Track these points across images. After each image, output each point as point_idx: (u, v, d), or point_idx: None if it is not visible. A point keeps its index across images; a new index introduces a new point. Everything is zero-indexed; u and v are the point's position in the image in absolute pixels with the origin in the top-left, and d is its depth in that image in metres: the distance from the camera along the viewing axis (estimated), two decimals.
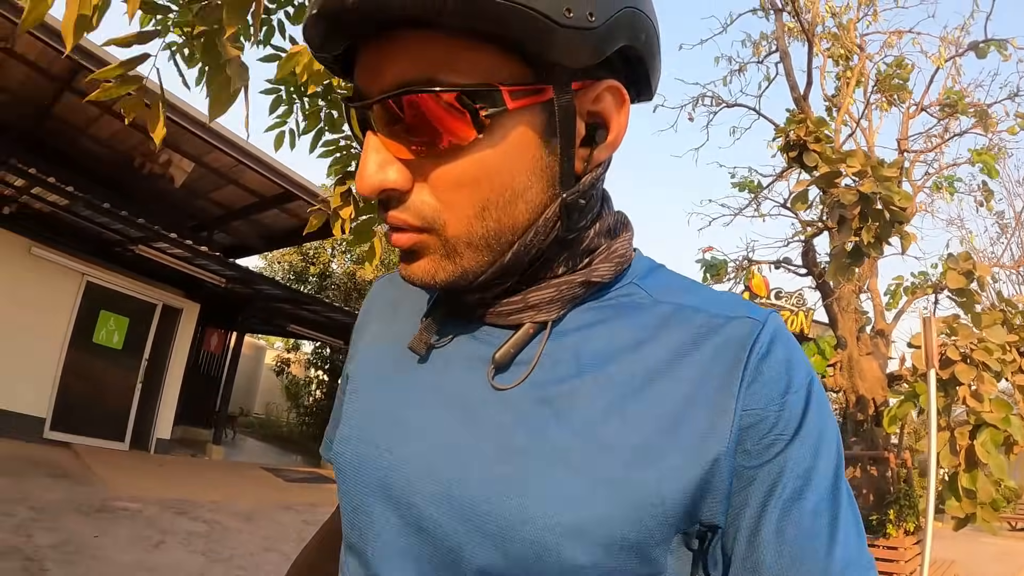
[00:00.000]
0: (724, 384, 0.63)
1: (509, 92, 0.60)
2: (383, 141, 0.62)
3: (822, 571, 0.58)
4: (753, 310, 0.67)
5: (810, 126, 10.32)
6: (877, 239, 6.70)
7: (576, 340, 0.68)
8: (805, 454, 0.61)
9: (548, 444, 0.63)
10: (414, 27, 0.58)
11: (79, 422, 10.99)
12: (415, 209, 0.63)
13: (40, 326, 10.36)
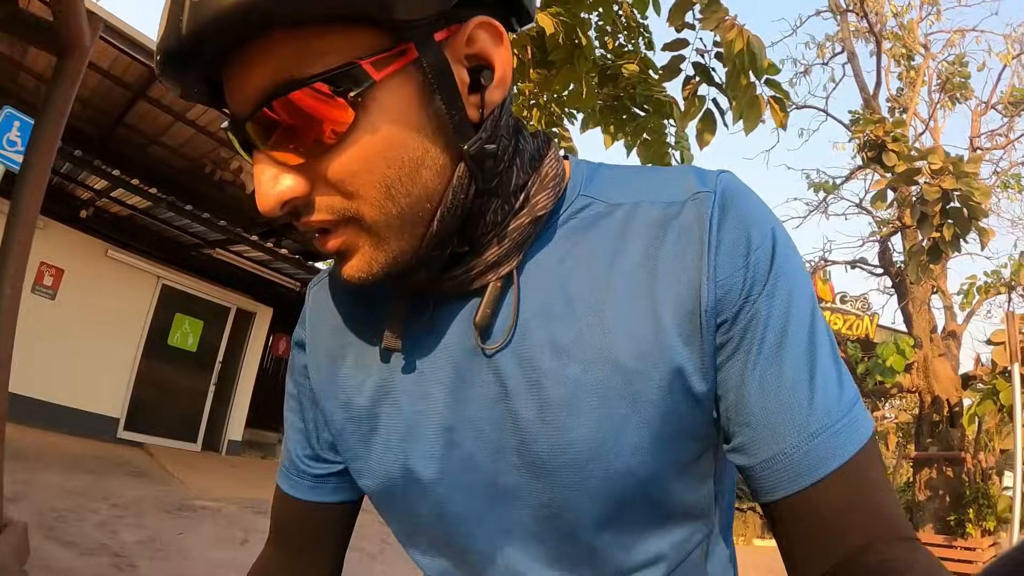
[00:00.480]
0: (696, 264, 0.64)
1: (372, 64, 0.57)
2: (268, 155, 0.59)
3: (804, 418, 0.61)
4: (701, 180, 0.68)
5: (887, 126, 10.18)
6: (955, 236, 6.62)
7: (558, 275, 0.68)
8: (778, 309, 0.63)
9: (568, 386, 0.65)
10: (255, 36, 0.55)
11: (152, 422, 11.16)
12: (324, 206, 0.61)
13: (116, 328, 10.56)
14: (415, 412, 0.72)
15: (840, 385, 0.63)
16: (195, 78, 0.60)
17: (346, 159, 0.59)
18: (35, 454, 7.63)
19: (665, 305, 0.64)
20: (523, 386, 0.66)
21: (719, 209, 0.65)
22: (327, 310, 0.83)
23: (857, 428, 0.62)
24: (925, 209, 6.92)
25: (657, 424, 0.64)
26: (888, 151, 9.73)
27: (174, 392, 11.64)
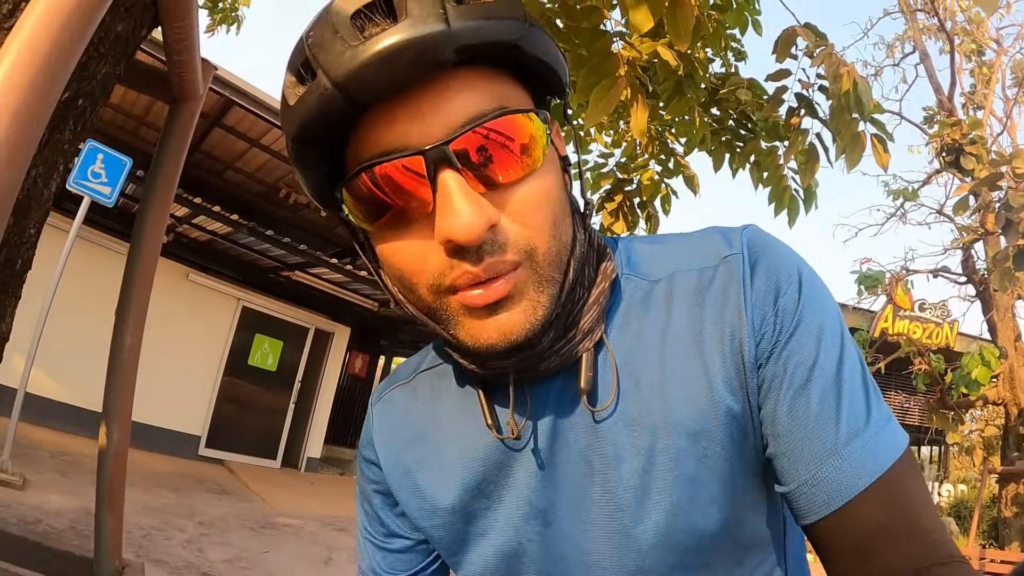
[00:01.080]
0: (735, 321, 0.68)
1: (541, 119, 0.65)
2: (466, 180, 0.61)
3: (832, 443, 0.63)
4: (728, 242, 0.73)
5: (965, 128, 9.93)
6: None
7: (619, 352, 0.72)
8: (806, 345, 0.67)
9: (644, 456, 0.69)
10: (452, 68, 0.61)
11: (233, 440, 11.43)
12: (512, 243, 0.63)
13: (198, 348, 10.88)
14: (511, 500, 0.76)
15: (868, 408, 0.65)
16: (362, 98, 0.60)
17: (533, 192, 0.64)
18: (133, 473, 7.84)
19: (713, 365, 0.69)
20: (607, 459, 0.71)
21: (748, 267, 0.70)
22: (399, 422, 0.87)
23: (885, 446, 0.64)
24: (1010, 215, 6.76)
25: (728, 474, 0.69)
26: (967, 155, 9.50)
27: (254, 410, 11.89)
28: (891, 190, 14.27)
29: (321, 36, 0.60)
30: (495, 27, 0.61)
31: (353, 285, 11.78)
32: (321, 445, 13.16)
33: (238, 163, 11.23)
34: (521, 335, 0.64)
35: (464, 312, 0.65)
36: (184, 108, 1.62)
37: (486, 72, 0.63)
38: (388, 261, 0.67)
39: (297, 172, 0.70)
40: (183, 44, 1.36)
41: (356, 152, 0.64)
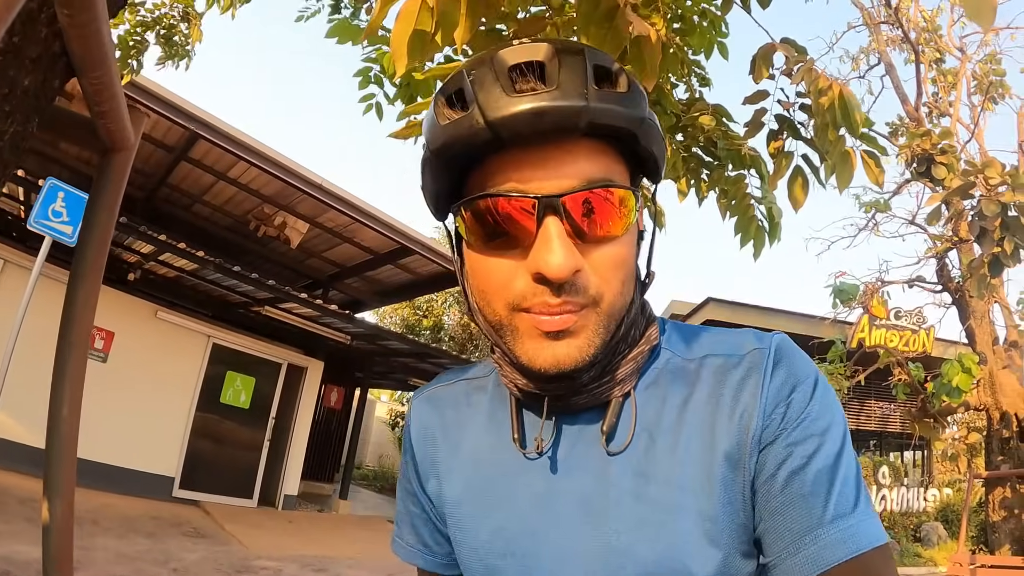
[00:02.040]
0: (750, 404, 0.77)
1: (635, 196, 0.78)
2: (567, 229, 0.73)
3: (817, 520, 0.71)
4: (759, 340, 0.83)
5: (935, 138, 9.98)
6: (1016, 248, 6.51)
7: (644, 411, 0.82)
8: (811, 438, 0.74)
9: (647, 504, 0.78)
10: (578, 137, 0.73)
11: (207, 480, 11.22)
12: (584, 288, 0.74)
13: (168, 387, 10.69)
14: (509, 511, 0.86)
15: (856, 499, 0.72)
16: (487, 147, 0.73)
17: (613, 253, 0.76)
18: (92, 517, 7.66)
19: (720, 438, 0.78)
20: (608, 500, 0.80)
21: (772, 362, 0.79)
22: (431, 418, 0.99)
23: (867, 534, 0.70)
24: (984, 224, 6.78)
25: (717, 537, 0.76)
26: (937, 164, 9.55)
27: (228, 449, 11.71)
28: (862, 202, 14.36)
29: (483, 77, 0.73)
30: (622, 115, 0.73)
31: (324, 319, 11.71)
32: (298, 482, 12.96)
33: (206, 196, 11.12)
34: (571, 366, 0.75)
35: (530, 333, 0.76)
36: (115, 159, 1.47)
37: (602, 146, 0.76)
38: (479, 274, 0.79)
39: (422, 177, 0.82)
40: (103, 95, 1.22)
41: (483, 179, 0.76)
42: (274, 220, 11.49)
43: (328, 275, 13.96)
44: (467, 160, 0.77)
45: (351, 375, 16.22)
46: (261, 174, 10.00)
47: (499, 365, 0.89)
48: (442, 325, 23.49)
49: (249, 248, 12.00)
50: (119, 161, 1.42)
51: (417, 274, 13.83)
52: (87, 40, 1.01)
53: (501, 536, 0.86)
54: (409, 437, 1.02)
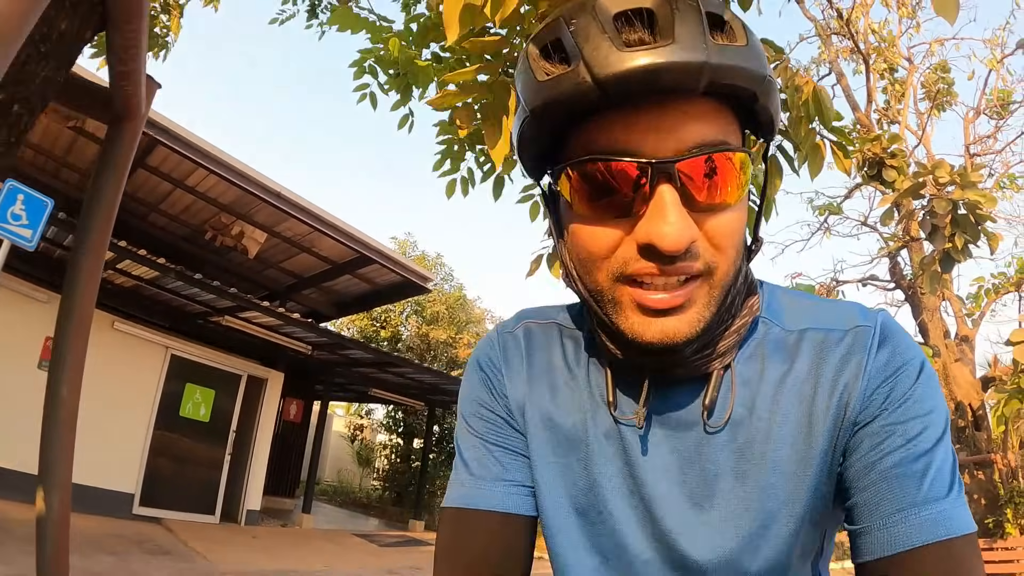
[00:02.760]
0: (852, 383, 0.75)
1: (750, 159, 0.73)
2: (681, 197, 0.68)
3: (911, 498, 0.69)
4: (864, 315, 0.80)
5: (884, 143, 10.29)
6: (966, 244, 6.78)
7: (741, 384, 0.80)
8: (912, 421, 0.72)
9: (739, 481, 0.78)
10: (695, 95, 0.67)
11: (168, 496, 10.98)
12: (701, 256, 0.70)
13: (126, 401, 10.43)
14: (605, 468, 0.84)
15: (951, 486, 0.71)
16: (605, 103, 0.66)
17: (728, 221, 0.71)
18: None
19: (818, 416, 0.76)
20: (706, 474, 0.79)
21: (878, 341, 0.77)
22: (523, 355, 0.93)
23: (958, 520, 0.69)
24: (935, 221, 7.01)
25: (801, 516, 0.77)
26: (888, 167, 9.84)
27: (189, 464, 11.48)
28: (815, 206, 14.69)
29: (586, 26, 0.66)
30: (744, 73, 0.67)
31: (286, 328, 11.58)
32: (260, 497, 12.74)
33: (163, 205, 10.94)
34: (681, 340, 0.71)
35: (633, 307, 0.72)
36: (126, 127, 1.44)
37: (718, 105, 0.70)
38: (580, 240, 0.74)
39: (518, 137, 0.76)
40: (130, 52, 1.20)
41: (589, 139, 0.70)
42: (231, 229, 11.37)
43: (286, 286, 13.83)
44: (570, 117, 0.71)
45: (311, 388, 16.09)
46: (219, 182, 9.91)
47: (596, 332, 0.84)
48: (400, 336, 23.39)
49: (206, 259, 11.84)
50: (130, 130, 1.40)
51: (376, 284, 13.80)
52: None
53: (597, 492, 0.84)
54: (491, 364, 0.94)
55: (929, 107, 14.54)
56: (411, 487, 19.60)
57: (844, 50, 15.10)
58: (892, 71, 14.94)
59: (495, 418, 0.91)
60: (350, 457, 23.74)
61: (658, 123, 0.67)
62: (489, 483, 0.88)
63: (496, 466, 0.89)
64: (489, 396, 0.92)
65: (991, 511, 11.00)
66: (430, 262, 25.40)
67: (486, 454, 0.90)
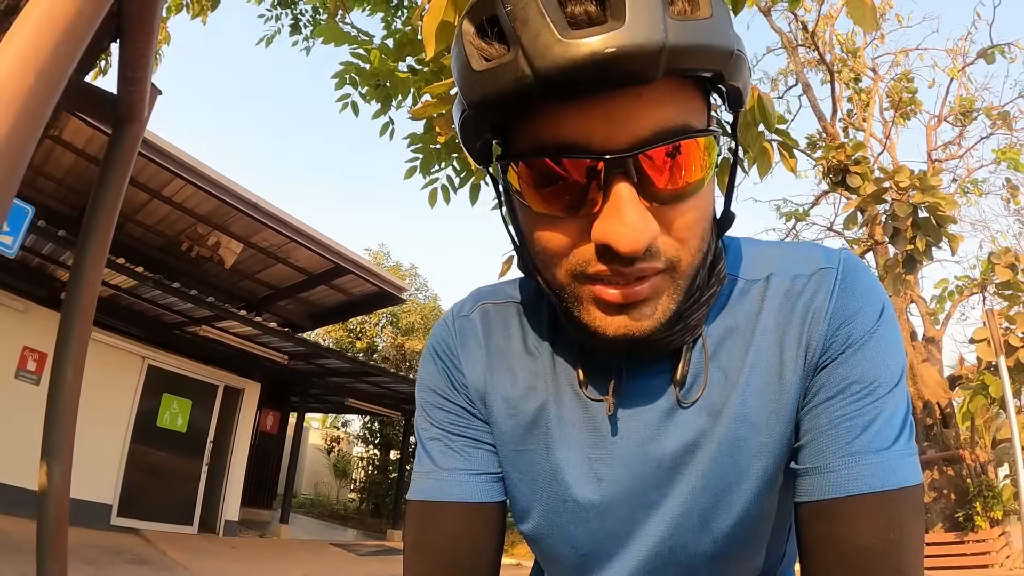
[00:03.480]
0: (816, 329, 0.74)
1: (716, 139, 0.66)
2: (638, 193, 0.62)
3: (853, 445, 0.68)
4: (825, 256, 0.78)
5: (849, 150, 10.54)
6: (928, 246, 6.97)
7: (713, 346, 0.78)
8: (865, 363, 0.71)
9: (715, 443, 0.76)
10: (653, 79, 0.58)
11: (146, 507, 10.88)
12: (662, 253, 0.66)
13: (103, 411, 10.27)
14: (569, 452, 0.81)
15: (898, 436, 0.69)
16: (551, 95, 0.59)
17: (691, 210, 0.66)
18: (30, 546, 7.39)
19: (788, 365, 0.75)
20: (685, 443, 0.77)
21: (840, 283, 0.75)
22: (480, 340, 0.89)
23: (899, 473, 0.68)
24: (897, 224, 7.21)
25: (773, 469, 0.76)
26: (852, 174, 10.09)
27: (166, 474, 11.39)
28: (783, 212, 14.97)
29: (525, 10, 0.58)
30: (710, 53, 0.60)
31: (263, 338, 11.55)
32: (238, 507, 12.68)
33: (138, 215, 10.92)
34: (645, 333, 0.68)
35: (594, 303, 0.68)
36: (129, 130, 1.57)
37: (679, 84, 0.63)
38: (536, 237, 0.70)
39: (460, 128, 0.69)
40: (140, 61, 1.32)
41: (535, 131, 0.64)
42: (208, 240, 11.37)
43: (261, 297, 13.77)
44: (511, 110, 0.63)
45: (287, 399, 16.01)
46: (196, 192, 9.91)
47: (562, 319, 0.79)
48: (375, 347, 23.34)
49: (182, 269, 11.81)
50: (132, 133, 1.52)
51: (351, 295, 13.80)
52: (147, 6, 1.13)
53: (561, 477, 0.82)
54: (448, 352, 0.89)
55: (894, 115, 14.83)
56: (388, 497, 19.58)
57: (811, 61, 15.42)
58: (857, 81, 15.25)
59: (456, 408, 0.88)
60: (327, 470, 23.57)
61: (609, 111, 0.60)
62: (454, 475, 0.85)
63: (460, 458, 0.86)
64: (448, 386, 0.88)
65: (961, 505, 11.22)
66: (404, 272, 25.40)
67: (448, 446, 0.87)
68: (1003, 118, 14.55)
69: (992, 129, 14.89)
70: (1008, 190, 15.27)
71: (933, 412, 11.76)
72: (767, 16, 14.39)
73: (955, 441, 11.67)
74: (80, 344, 1.62)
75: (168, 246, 11.67)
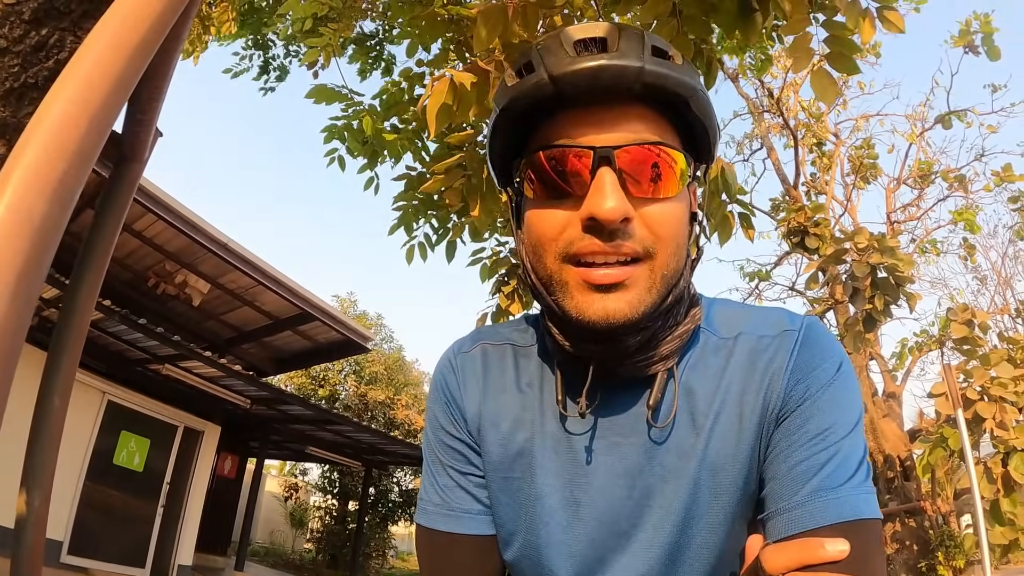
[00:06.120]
0: (776, 382, 0.83)
1: (691, 168, 0.84)
2: (618, 178, 0.78)
3: (813, 485, 0.76)
4: (791, 321, 0.88)
5: (808, 212, 10.87)
6: (887, 305, 7.19)
7: (684, 389, 0.87)
8: (825, 414, 0.80)
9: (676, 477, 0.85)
10: (633, 102, 0.80)
11: (98, 547, 10.58)
12: (639, 237, 0.78)
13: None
14: (550, 480, 0.89)
15: (853, 474, 0.77)
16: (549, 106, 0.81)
17: (664, 210, 0.80)
18: None
19: (747, 415, 0.84)
20: (655, 477, 0.86)
21: (801, 343, 0.85)
22: (479, 374, 0.98)
23: (854, 507, 0.75)
24: (856, 284, 7.44)
25: (731, 509, 0.84)
26: (811, 235, 10.40)
27: (121, 514, 11.10)
28: (746, 272, 15.29)
29: (548, 46, 0.80)
30: (676, 80, 0.78)
31: (226, 380, 11.43)
32: (192, 552, 12.38)
33: None
34: (621, 320, 0.78)
35: (579, 286, 0.79)
36: (130, 170, 1.65)
37: (656, 114, 0.81)
38: (534, 227, 0.83)
39: (489, 144, 0.89)
40: (152, 104, 1.39)
41: (545, 136, 0.82)
42: (175, 278, 11.28)
43: (225, 339, 13.62)
44: (530, 120, 0.83)
45: (246, 443, 15.78)
46: (167, 228, 9.86)
47: (547, 327, 0.90)
48: (338, 395, 23.12)
49: (147, 306, 11.69)
50: (134, 171, 1.61)
51: (316, 342, 13.74)
52: (167, 53, 1.22)
53: (543, 504, 0.89)
54: (448, 389, 0.99)
55: (855, 179, 15.27)
56: (346, 549, 19.27)
57: (775, 126, 15.86)
58: (820, 145, 15.70)
59: (460, 445, 0.96)
60: (283, 518, 23.15)
61: (601, 120, 0.78)
62: (461, 512, 0.94)
63: (466, 496, 0.95)
64: (451, 423, 0.96)
65: (923, 555, 11.35)
66: (371, 322, 25.36)
67: (455, 484, 0.95)
68: (959, 181, 15.08)
69: (949, 191, 15.44)
70: (965, 249, 15.76)
71: (894, 465, 11.95)
72: (735, 82, 14.83)
73: (916, 493, 11.85)
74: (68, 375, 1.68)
75: (135, 281, 11.54)
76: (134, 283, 11.62)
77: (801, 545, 0.72)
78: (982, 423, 7.49)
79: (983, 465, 7.40)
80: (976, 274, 19.60)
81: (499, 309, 4.04)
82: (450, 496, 0.95)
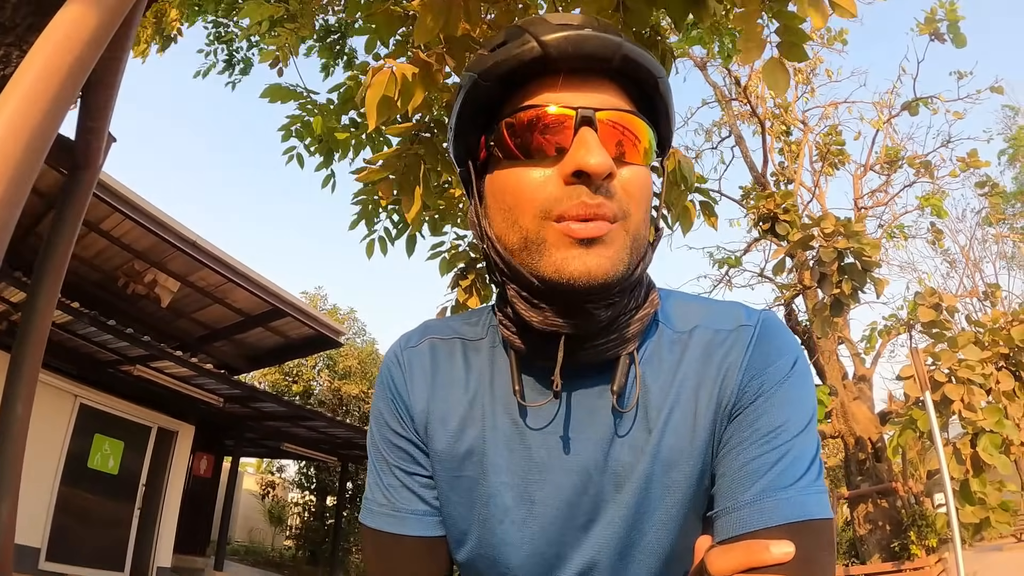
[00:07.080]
0: (731, 378, 0.83)
1: (653, 136, 0.85)
2: (600, 136, 0.79)
3: (763, 484, 0.76)
4: (748, 316, 0.89)
5: (778, 199, 10.97)
6: (854, 289, 7.28)
7: (644, 383, 0.86)
8: (778, 411, 0.80)
9: (626, 472, 0.84)
10: (609, 76, 0.82)
11: (76, 552, 10.44)
12: (617, 198, 0.79)
13: (32, 451, 9.68)
14: (503, 476, 0.88)
15: (804, 474, 0.77)
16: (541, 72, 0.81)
17: (637, 174, 0.81)
18: None
19: (701, 411, 0.83)
20: (613, 474, 0.85)
21: (756, 339, 0.85)
22: (426, 370, 0.96)
23: (804, 506, 0.75)
24: (823, 269, 7.54)
25: (683, 505, 0.83)
26: (781, 222, 10.50)
27: (97, 518, 10.97)
28: (716, 259, 15.40)
29: (533, 21, 0.82)
30: (649, 60, 0.82)
31: (198, 379, 11.34)
32: (171, 554, 12.28)
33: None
34: (600, 278, 0.77)
35: (560, 242, 0.78)
36: (84, 176, 1.64)
37: (628, 93, 0.84)
38: (508, 189, 0.83)
39: (457, 108, 0.87)
40: (101, 112, 1.40)
41: (525, 98, 0.82)
42: (144, 277, 11.14)
43: (197, 337, 13.44)
44: (505, 91, 0.84)
45: (221, 442, 15.67)
46: (135, 227, 9.73)
47: (502, 320, 0.90)
48: (312, 390, 23.01)
49: (117, 306, 11.55)
50: (87, 178, 1.60)
51: (288, 338, 13.64)
52: (113, 61, 1.23)
53: (496, 502, 0.87)
54: (395, 385, 0.96)
55: (822, 166, 15.40)
56: (325, 545, 19.20)
57: (743, 114, 15.95)
58: (788, 133, 15.82)
59: (406, 444, 0.93)
60: (261, 516, 23.06)
61: (581, 86, 0.81)
62: (407, 513, 0.92)
63: (412, 497, 0.93)
64: (397, 421, 0.94)
65: (896, 535, 11.54)
66: (342, 316, 25.23)
67: (400, 484, 0.93)
68: (926, 167, 15.32)
69: (916, 177, 15.62)
70: (933, 233, 15.98)
71: (865, 447, 12.12)
72: (703, 71, 14.91)
73: (888, 474, 12.03)
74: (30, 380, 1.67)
75: (104, 281, 11.38)
76: (103, 283, 11.48)
77: (746, 547, 0.71)
78: (950, 405, 7.62)
79: (952, 446, 7.52)
80: (946, 258, 19.89)
81: (458, 303, 4.07)
82: (395, 496, 0.93)
